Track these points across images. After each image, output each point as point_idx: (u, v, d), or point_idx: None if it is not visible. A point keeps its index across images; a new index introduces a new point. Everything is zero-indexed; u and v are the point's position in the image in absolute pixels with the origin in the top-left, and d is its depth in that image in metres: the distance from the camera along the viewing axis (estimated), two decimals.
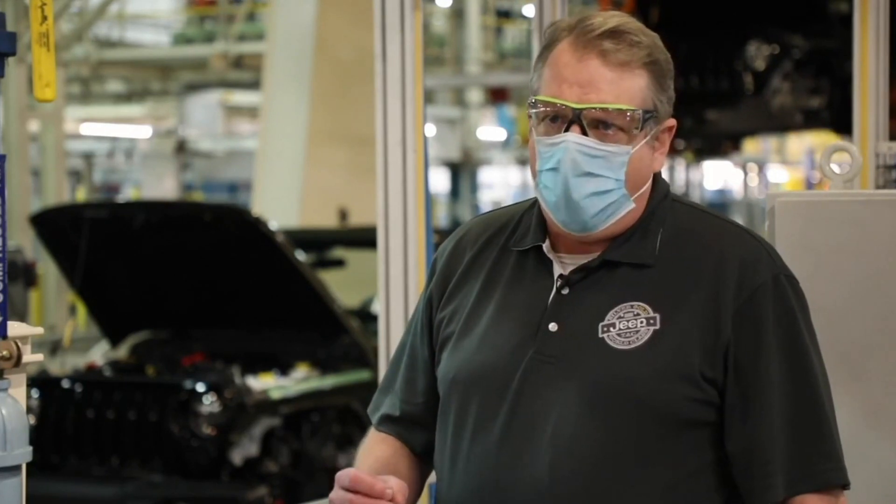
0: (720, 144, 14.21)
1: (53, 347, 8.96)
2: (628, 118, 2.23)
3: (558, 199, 2.24)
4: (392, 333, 4.10)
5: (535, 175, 2.28)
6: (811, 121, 11.74)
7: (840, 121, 10.90)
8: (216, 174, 27.89)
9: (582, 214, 2.24)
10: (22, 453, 2.05)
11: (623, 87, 2.23)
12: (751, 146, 25.90)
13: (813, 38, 11.37)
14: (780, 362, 2.23)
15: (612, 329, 2.24)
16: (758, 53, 11.21)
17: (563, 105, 2.23)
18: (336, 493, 2.22)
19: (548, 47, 2.28)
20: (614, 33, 2.24)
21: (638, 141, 2.25)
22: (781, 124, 12.37)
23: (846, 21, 7.61)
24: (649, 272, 2.27)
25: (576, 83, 2.23)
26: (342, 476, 2.22)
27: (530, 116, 2.28)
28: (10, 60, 2.14)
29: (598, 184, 2.23)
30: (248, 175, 21.06)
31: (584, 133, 2.22)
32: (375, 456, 2.42)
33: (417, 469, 2.45)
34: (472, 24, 24.06)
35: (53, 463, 7.30)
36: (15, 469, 2.05)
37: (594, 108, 2.22)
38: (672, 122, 2.31)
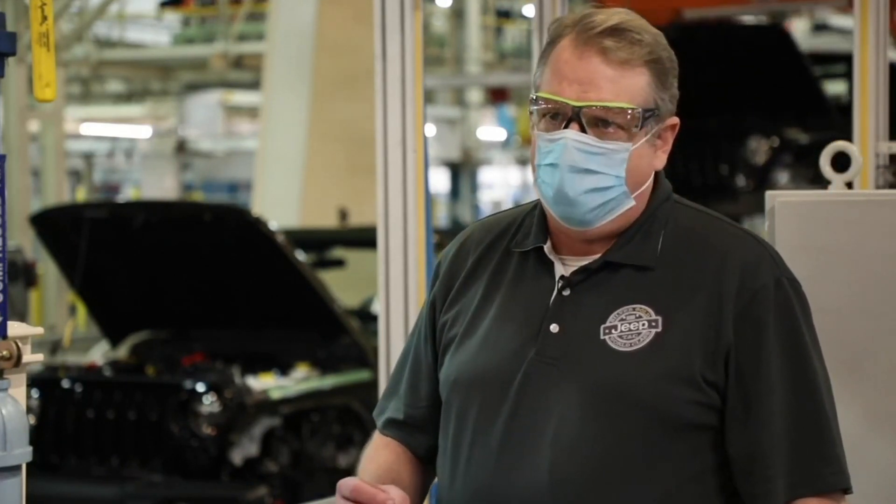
0: None
1: (53, 347, 8.95)
2: (628, 116, 2.22)
3: (556, 193, 2.24)
4: (392, 333, 4.10)
5: (533, 169, 2.29)
6: None
7: None
8: (216, 174, 27.90)
9: (579, 209, 2.24)
10: (22, 453, 2.05)
11: (623, 85, 2.22)
12: None
13: (812, 130, 11.50)
14: (781, 366, 2.23)
15: (613, 331, 2.24)
16: (758, 148, 11.32)
17: (563, 102, 2.23)
18: (338, 502, 2.22)
19: (551, 43, 2.28)
20: (615, 31, 2.23)
21: (638, 139, 2.24)
22: None
23: (845, 110, 7.68)
24: (651, 274, 2.27)
25: (575, 81, 2.23)
26: (344, 485, 2.21)
27: (531, 112, 2.29)
28: (10, 60, 2.14)
29: (596, 180, 2.23)
30: (248, 175, 21.07)
31: (583, 130, 2.22)
32: (378, 462, 2.41)
33: (420, 474, 2.44)
34: (472, 24, 24.07)
35: (53, 463, 7.31)
36: (15, 469, 2.04)
37: (592, 107, 2.22)
38: (675, 120, 2.31)
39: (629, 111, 2.22)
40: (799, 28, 20.55)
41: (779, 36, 11.75)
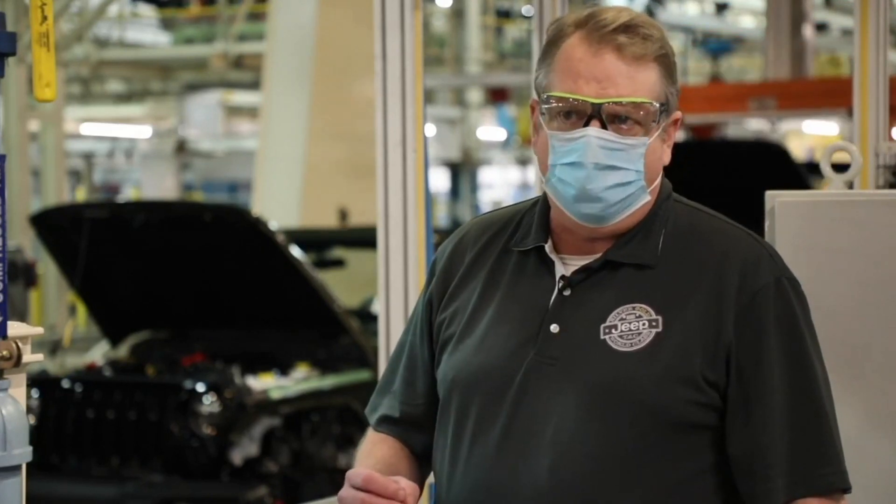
0: None
1: (53, 347, 8.95)
2: (645, 111, 2.23)
3: (579, 191, 2.23)
4: (392, 333, 4.10)
5: (545, 170, 2.27)
6: None
7: None
8: (216, 174, 27.90)
9: (600, 206, 2.24)
10: (22, 453, 2.04)
11: (639, 80, 2.23)
12: None
13: None
14: (781, 366, 2.23)
15: (613, 331, 2.23)
16: None
17: (582, 100, 2.23)
18: (347, 491, 2.21)
19: (554, 43, 2.28)
20: (628, 27, 2.24)
21: (653, 133, 2.25)
22: None
23: None
24: (651, 273, 2.26)
25: (593, 78, 2.23)
26: (354, 475, 2.21)
27: (542, 113, 2.27)
28: (10, 60, 2.14)
29: (620, 176, 2.23)
30: (248, 175, 21.06)
31: (604, 127, 2.23)
32: (376, 457, 2.40)
33: (417, 470, 2.44)
34: (472, 24, 24.07)
35: (53, 463, 7.30)
36: (15, 469, 2.04)
37: (613, 103, 2.22)
38: (678, 114, 2.32)
39: (647, 105, 2.23)
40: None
41: (776, 152, 11.84)
